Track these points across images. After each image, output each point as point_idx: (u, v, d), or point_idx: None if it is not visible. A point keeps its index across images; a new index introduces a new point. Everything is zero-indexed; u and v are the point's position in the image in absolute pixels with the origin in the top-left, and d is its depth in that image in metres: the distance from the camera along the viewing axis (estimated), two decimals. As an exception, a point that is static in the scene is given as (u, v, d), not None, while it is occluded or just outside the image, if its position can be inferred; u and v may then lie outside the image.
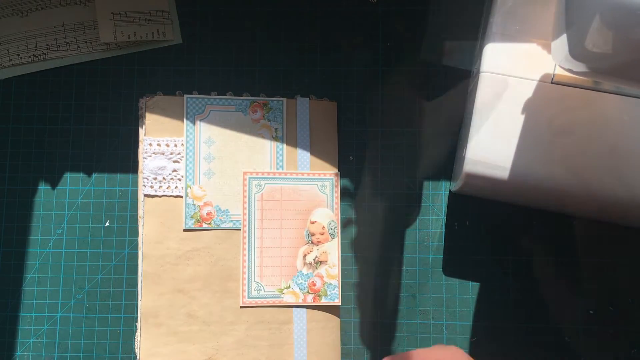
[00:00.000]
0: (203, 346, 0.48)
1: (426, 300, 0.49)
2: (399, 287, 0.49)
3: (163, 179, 0.49)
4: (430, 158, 0.51)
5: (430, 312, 0.49)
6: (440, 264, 0.50)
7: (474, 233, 0.50)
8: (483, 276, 0.49)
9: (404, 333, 0.49)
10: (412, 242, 0.50)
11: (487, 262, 0.50)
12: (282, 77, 0.52)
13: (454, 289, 0.49)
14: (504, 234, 0.50)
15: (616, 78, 0.36)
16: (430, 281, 0.49)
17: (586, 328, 0.48)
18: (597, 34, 0.30)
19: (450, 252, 0.50)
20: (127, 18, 0.52)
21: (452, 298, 0.49)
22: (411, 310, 0.49)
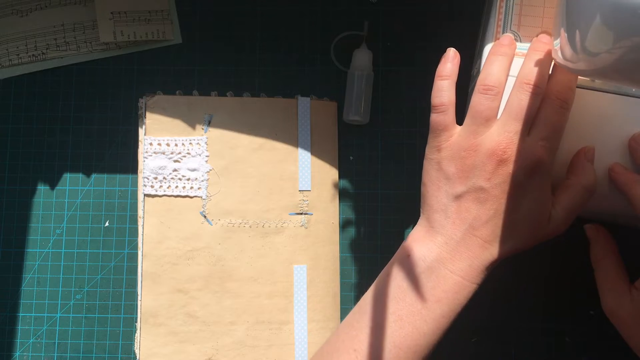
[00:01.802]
0: (203, 346, 0.48)
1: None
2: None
3: (164, 179, 0.49)
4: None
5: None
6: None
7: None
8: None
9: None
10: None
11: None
12: (282, 77, 0.52)
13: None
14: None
15: (616, 78, 0.36)
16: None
17: (586, 328, 0.49)
18: (597, 34, 0.30)
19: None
20: (127, 18, 0.52)
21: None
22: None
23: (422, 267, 0.38)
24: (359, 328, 0.39)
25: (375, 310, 0.39)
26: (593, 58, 0.32)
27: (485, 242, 0.38)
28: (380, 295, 0.39)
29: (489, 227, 0.37)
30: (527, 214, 0.38)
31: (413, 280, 0.38)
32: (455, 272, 0.38)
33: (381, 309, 0.38)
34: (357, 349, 0.38)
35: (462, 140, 0.38)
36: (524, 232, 0.38)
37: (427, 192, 0.40)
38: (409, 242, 0.40)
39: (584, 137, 0.42)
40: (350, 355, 0.38)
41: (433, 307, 0.38)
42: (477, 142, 0.38)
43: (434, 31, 0.52)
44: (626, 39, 0.29)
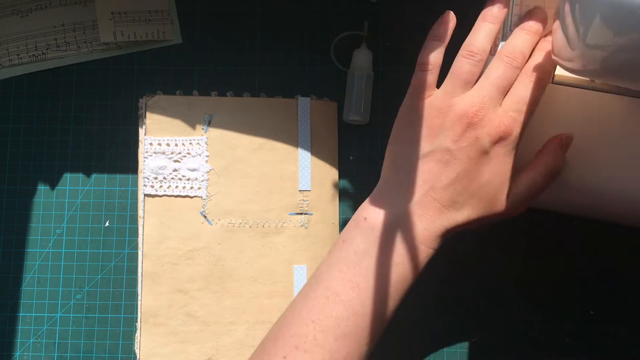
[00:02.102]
0: (203, 346, 0.48)
1: (426, 300, 0.49)
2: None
3: (164, 179, 0.49)
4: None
5: (430, 311, 0.49)
6: (440, 264, 0.50)
7: (474, 233, 0.50)
8: (483, 276, 0.49)
9: (404, 333, 0.49)
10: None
11: (487, 262, 0.49)
12: (282, 77, 0.52)
13: (454, 289, 0.49)
14: (504, 234, 0.50)
15: (616, 78, 0.36)
16: (431, 281, 0.49)
17: (586, 328, 0.49)
18: (597, 34, 0.30)
19: (450, 252, 0.50)
20: (127, 18, 0.52)
21: (452, 298, 0.49)
22: (411, 311, 0.49)
23: (379, 230, 0.38)
24: (315, 298, 0.38)
25: (332, 278, 0.38)
26: (592, 58, 0.32)
27: (442, 205, 0.37)
28: (336, 262, 0.38)
29: (449, 190, 0.37)
30: (487, 183, 0.38)
31: (369, 244, 0.38)
32: (412, 235, 0.38)
33: (337, 276, 0.38)
34: (314, 320, 0.37)
35: (437, 99, 0.39)
36: (482, 201, 0.38)
37: (393, 151, 0.40)
38: (366, 205, 0.39)
39: (582, 136, 0.42)
40: (308, 327, 0.37)
41: (389, 271, 0.37)
42: (450, 103, 0.38)
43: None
44: (626, 39, 0.29)
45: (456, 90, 0.38)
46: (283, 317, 0.39)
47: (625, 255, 0.49)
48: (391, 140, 0.40)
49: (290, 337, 0.37)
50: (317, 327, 0.36)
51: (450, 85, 0.39)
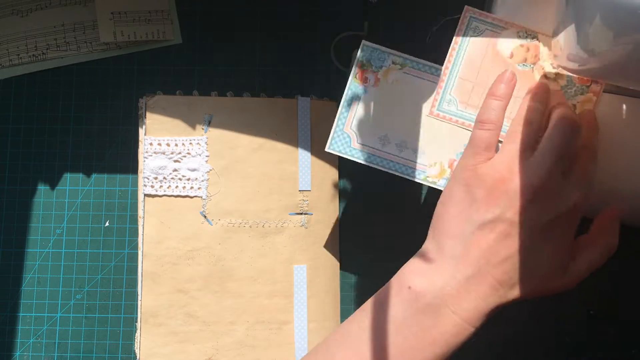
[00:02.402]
0: (203, 346, 0.48)
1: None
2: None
3: (164, 179, 0.49)
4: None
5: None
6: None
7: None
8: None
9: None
10: (412, 242, 0.49)
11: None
12: (282, 77, 0.52)
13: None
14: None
15: (616, 78, 0.36)
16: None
17: (586, 328, 0.48)
18: (597, 34, 0.30)
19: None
20: (127, 18, 0.52)
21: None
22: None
23: (422, 302, 0.35)
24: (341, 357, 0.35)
25: (361, 343, 0.35)
26: (593, 58, 0.32)
27: (497, 282, 0.35)
28: (369, 326, 0.36)
29: (506, 266, 0.34)
30: (546, 261, 0.35)
31: (410, 316, 0.35)
32: (457, 313, 0.35)
33: (371, 343, 0.35)
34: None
35: (500, 164, 0.36)
36: (538, 279, 0.35)
37: (445, 214, 0.37)
38: (410, 270, 0.37)
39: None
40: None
41: (427, 348, 0.35)
42: (515, 170, 0.35)
43: (434, 31, 0.52)
44: (626, 39, 0.29)
45: (517, 155, 0.35)
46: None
47: (625, 255, 0.49)
48: (442, 201, 0.37)
49: None
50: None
51: (512, 150, 0.36)
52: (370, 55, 0.42)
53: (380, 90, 0.42)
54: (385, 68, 0.42)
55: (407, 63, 0.42)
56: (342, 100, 0.42)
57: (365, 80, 0.42)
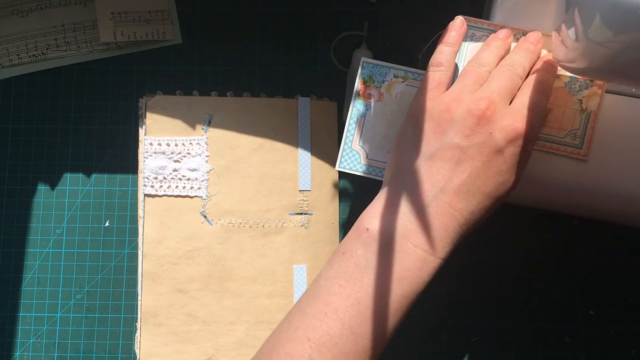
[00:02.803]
0: (203, 346, 0.48)
1: (426, 300, 0.49)
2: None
3: (164, 179, 0.49)
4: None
5: (430, 312, 0.49)
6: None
7: (474, 233, 0.50)
8: (483, 276, 0.49)
9: (404, 334, 0.49)
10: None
11: (488, 262, 0.49)
12: (282, 77, 0.52)
13: (454, 288, 0.49)
14: (504, 234, 0.50)
15: (616, 78, 0.36)
16: (430, 281, 0.49)
17: (586, 328, 0.49)
18: (597, 33, 0.30)
19: (451, 252, 0.50)
20: (127, 18, 0.52)
21: (452, 298, 0.49)
22: (411, 311, 0.49)
23: (382, 241, 0.35)
24: (312, 314, 0.35)
25: (330, 293, 0.35)
26: (592, 57, 0.32)
27: (454, 209, 0.35)
28: (335, 275, 0.36)
29: (461, 192, 0.35)
30: (502, 184, 0.36)
31: (371, 258, 0.35)
32: (419, 246, 0.35)
33: (337, 292, 0.35)
34: (310, 338, 0.34)
35: (446, 96, 0.37)
36: (494, 199, 0.36)
37: (397, 152, 0.38)
38: (368, 214, 0.37)
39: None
40: (304, 346, 0.34)
41: (394, 287, 0.35)
42: (460, 99, 0.36)
43: (434, 31, 0.52)
44: (626, 39, 0.29)
45: (465, 89, 0.37)
46: (278, 330, 0.37)
47: (625, 255, 0.49)
48: (395, 142, 0.38)
49: (285, 356, 0.34)
50: (314, 345, 0.34)
51: (459, 86, 0.38)
52: (372, 71, 0.42)
53: (385, 104, 0.42)
54: (388, 82, 0.42)
55: (408, 75, 0.42)
56: (348, 118, 0.42)
57: (369, 97, 0.42)
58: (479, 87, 0.37)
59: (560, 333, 0.49)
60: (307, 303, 0.36)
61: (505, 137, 0.35)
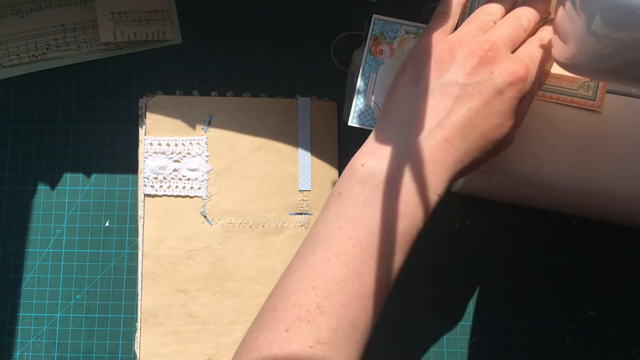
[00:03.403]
0: (203, 346, 0.48)
1: (426, 300, 0.49)
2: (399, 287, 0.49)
3: (164, 179, 0.49)
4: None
5: (430, 311, 0.49)
6: (441, 264, 0.50)
7: (474, 233, 0.50)
8: (483, 276, 0.49)
9: (404, 333, 0.49)
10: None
11: (487, 262, 0.50)
12: (282, 77, 0.52)
13: (454, 288, 0.49)
14: (504, 234, 0.50)
15: (616, 78, 0.36)
16: (431, 281, 0.49)
17: (586, 328, 0.49)
18: (597, 33, 0.30)
19: (451, 252, 0.50)
20: (127, 18, 0.52)
21: (452, 298, 0.49)
22: (411, 310, 0.49)
23: (379, 177, 0.34)
24: (314, 261, 0.34)
25: (331, 237, 0.34)
26: (593, 57, 0.32)
27: (449, 145, 0.34)
28: (334, 218, 0.34)
29: (457, 128, 0.34)
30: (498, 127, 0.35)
31: (369, 195, 0.34)
32: (416, 180, 0.34)
33: (337, 234, 0.34)
34: (315, 286, 0.33)
35: (449, 37, 0.37)
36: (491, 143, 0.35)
37: (396, 89, 0.37)
38: (363, 151, 0.36)
39: (582, 136, 0.42)
40: (309, 295, 0.33)
41: (393, 223, 0.34)
42: (463, 41, 0.36)
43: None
44: (626, 39, 0.29)
45: (469, 33, 0.37)
46: (280, 285, 0.35)
47: (625, 255, 0.49)
48: (394, 79, 0.38)
49: (291, 308, 0.33)
50: (320, 293, 0.33)
51: (463, 30, 0.37)
52: (383, 28, 0.42)
53: (397, 60, 0.42)
54: (399, 38, 0.42)
55: (420, 31, 0.42)
56: (360, 74, 0.42)
57: (381, 53, 0.42)
58: (482, 33, 0.37)
59: (560, 333, 0.49)
60: (307, 252, 0.35)
61: (505, 79, 0.35)
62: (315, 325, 0.33)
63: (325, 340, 0.33)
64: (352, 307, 0.33)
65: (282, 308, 0.34)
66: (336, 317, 0.33)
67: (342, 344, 0.33)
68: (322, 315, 0.33)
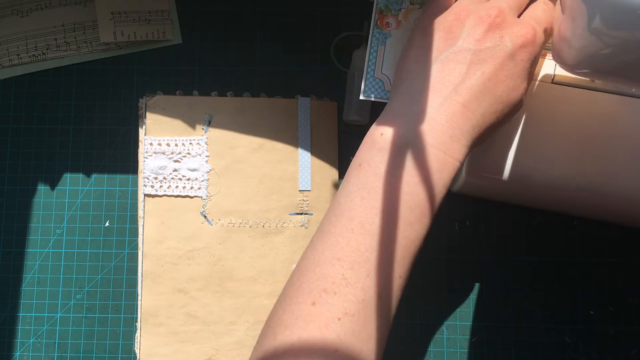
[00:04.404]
0: (203, 346, 0.48)
1: (426, 300, 0.49)
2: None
3: (164, 179, 0.49)
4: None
5: (430, 311, 0.49)
6: (441, 264, 0.50)
7: (474, 233, 0.50)
8: (483, 276, 0.49)
9: (404, 333, 0.49)
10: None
11: (487, 262, 0.50)
12: (282, 77, 0.52)
13: (454, 288, 0.49)
14: (504, 234, 0.50)
15: (616, 78, 0.36)
16: (431, 281, 0.49)
17: (586, 328, 0.49)
18: (597, 34, 0.30)
19: (451, 252, 0.50)
20: (127, 18, 0.52)
21: (452, 298, 0.49)
22: (411, 310, 0.49)
23: (399, 144, 0.34)
24: (337, 233, 0.34)
25: (353, 208, 0.34)
26: (592, 57, 0.32)
27: (467, 109, 0.34)
28: (356, 189, 0.34)
29: (473, 92, 0.34)
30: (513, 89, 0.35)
31: (391, 163, 0.34)
32: (436, 146, 0.34)
33: (360, 204, 0.34)
34: (340, 258, 0.33)
35: (455, 6, 0.37)
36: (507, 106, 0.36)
37: (406, 60, 0.37)
38: (381, 121, 0.36)
39: (582, 136, 0.42)
40: (334, 267, 0.33)
41: (416, 190, 0.33)
42: (469, 9, 0.37)
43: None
44: (626, 39, 0.29)
45: (473, 1, 0.37)
46: (304, 259, 0.35)
47: (625, 255, 0.49)
48: (403, 53, 0.38)
49: (317, 281, 0.33)
50: (345, 264, 0.33)
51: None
52: (387, 1, 0.42)
53: (403, 31, 0.42)
54: (405, 10, 0.42)
55: (425, 1, 0.42)
56: (368, 47, 0.42)
57: (387, 25, 0.42)
58: (487, 0, 0.38)
59: (560, 333, 0.49)
60: (329, 224, 0.35)
61: (515, 42, 0.35)
62: (342, 297, 0.32)
63: (353, 312, 0.32)
64: (378, 277, 0.33)
65: (307, 281, 0.33)
66: (363, 287, 0.32)
67: (369, 316, 0.33)
68: (349, 286, 0.32)
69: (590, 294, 0.49)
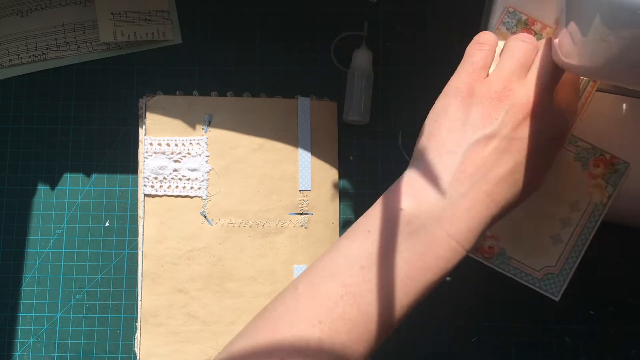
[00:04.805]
0: (203, 346, 0.48)
1: (426, 300, 0.49)
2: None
3: (164, 179, 0.49)
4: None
5: (430, 312, 0.49)
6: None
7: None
8: (483, 276, 0.49)
9: (404, 333, 0.49)
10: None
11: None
12: (282, 77, 0.52)
13: (454, 289, 0.49)
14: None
15: (616, 78, 0.36)
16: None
17: (586, 328, 0.49)
18: (597, 34, 0.30)
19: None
20: (127, 18, 0.52)
21: (452, 298, 0.49)
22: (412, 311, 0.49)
23: (416, 224, 0.33)
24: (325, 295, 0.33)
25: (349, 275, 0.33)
26: (593, 58, 0.32)
27: (491, 200, 0.33)
28: (357, 255, 0.33)
29: (500, 183, 0.33)
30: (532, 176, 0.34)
31: (402, 241, 0.33)
32: (453, 236, 0.32)
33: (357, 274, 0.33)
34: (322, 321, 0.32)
35: (496, 82, 0.34)
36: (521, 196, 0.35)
37: (438, 130, 0.34)
38: (400, 191, 0.34)
39: (582, 136, 0.42)
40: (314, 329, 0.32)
41: (419, 277, 0.33)
42: (511, 88, 0.34)
43: (434, 31, 0.52)
44: (626, 39, 0.29)
45: (514, 73, 0.35)
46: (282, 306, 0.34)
47: (625, 255, 0.49)
48: (436, 117, 0.35)
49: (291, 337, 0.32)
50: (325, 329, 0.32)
51: (508, 67, 0.35)
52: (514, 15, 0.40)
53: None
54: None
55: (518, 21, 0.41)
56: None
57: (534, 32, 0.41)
58: (526, 72, 0.35)
59: (560, 333, 0.49)
60: (319, 279, 0.34)
61: (550, 134, 0.34)
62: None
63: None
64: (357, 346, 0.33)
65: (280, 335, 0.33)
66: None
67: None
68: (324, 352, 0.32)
69: (590, 294, 0.49)
